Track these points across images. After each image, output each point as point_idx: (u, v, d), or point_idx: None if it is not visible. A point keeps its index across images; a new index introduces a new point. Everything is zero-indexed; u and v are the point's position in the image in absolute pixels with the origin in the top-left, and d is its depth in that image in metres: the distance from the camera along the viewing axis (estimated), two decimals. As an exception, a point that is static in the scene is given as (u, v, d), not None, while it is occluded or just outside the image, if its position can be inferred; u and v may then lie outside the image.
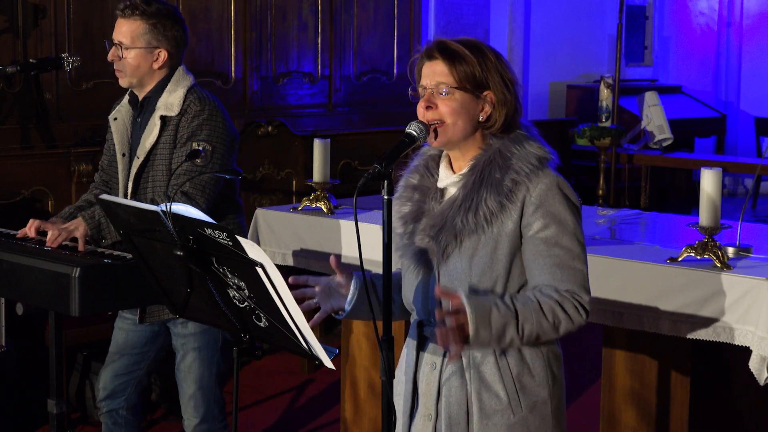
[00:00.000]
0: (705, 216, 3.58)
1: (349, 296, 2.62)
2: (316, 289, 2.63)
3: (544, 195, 2.50)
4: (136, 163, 3.69)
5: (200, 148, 3.60)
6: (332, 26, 7.28)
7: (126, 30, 3.67)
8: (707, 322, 3.42)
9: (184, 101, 3.67)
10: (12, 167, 5.31)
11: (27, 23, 5.72)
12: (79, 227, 3.70)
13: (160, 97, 3.70)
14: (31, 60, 5.50)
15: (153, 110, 3.71)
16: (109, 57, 3.71)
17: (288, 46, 7.08)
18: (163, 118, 3.67)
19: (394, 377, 2.45)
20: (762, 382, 3.34)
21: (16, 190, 5.30)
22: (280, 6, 7.01)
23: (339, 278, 2.63)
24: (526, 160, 2.52)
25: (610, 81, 8.42)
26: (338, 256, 2.74)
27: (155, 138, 3.66)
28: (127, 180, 3.73)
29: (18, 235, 3.84)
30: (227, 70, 6.77)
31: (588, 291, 2.52)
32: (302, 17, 7.14)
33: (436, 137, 2.55)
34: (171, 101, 3.68)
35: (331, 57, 7.30)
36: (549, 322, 2.45)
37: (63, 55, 5.39)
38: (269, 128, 6.30)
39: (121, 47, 3.67)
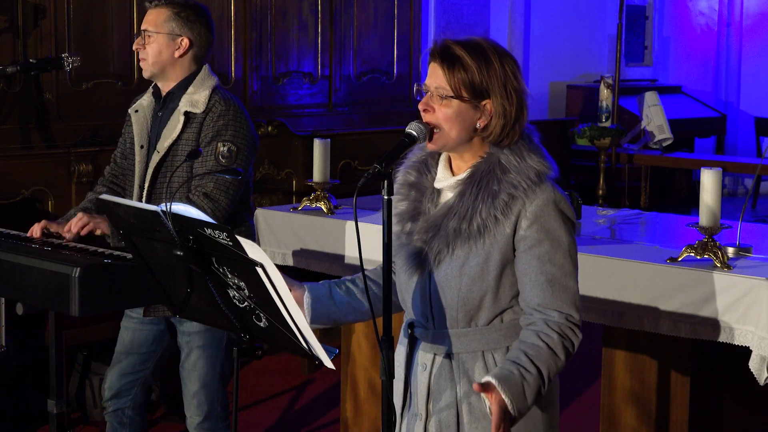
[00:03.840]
0: (705, 216, 3.58)
1: (305, 308, 2.68)
2: None
3: (540, 211, 2.49)
4: (156, 158, 3.71)
5: (225, 148, 3.64)
6: (332, 26, 7.28)
7: (151, 18, 3.74)
8: (707, 322, 3.42)
9: (209, 100, 3.72)
10: (12, 167, 5.31)
11: (27, 23, 5.73)
12: (102, 224, 3.74)
13: (184, 93, 3.74)
14: (31, 60, 5.51)
15: (176, 106, 3.74)
16: (134, 45, 3.77)
17: (288, 46, 7.09)
18: (187, 114, 3.70)
19: (394, 377, 2.45)
20: (762, 382, 3.34)
21: (16, 190, 5.30)
22: (280, 6, 7.01)
23: (294, 293, 2.64)
24: (525, 175, 2.50)
25: (610, 81, 8.43)
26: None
27: (177, 133, 3.69)
28: (145, 173, 3.75)
29: (29, 235, 3.84)
30: (227, 70, 6.77)
31: (578, 309, 2.52)
32: (302, 17, 7.14)
33: (431, 140, 2.54)
34: (196, 98, 3.72)
35: (331, 57, 7.31)
36: (561, 360, 2.48)
37: (63, 55, 5.39)
38: (269, 128, 6.30)
39: (146, 35, 3.74)
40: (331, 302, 2.70)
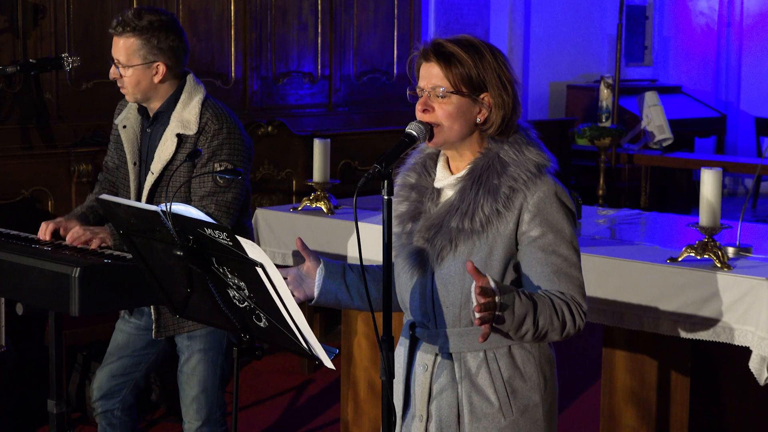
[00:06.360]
0: (705, 216, 3.58)
1: (317, 281, 2.67)
2: (288, 278, 2.67)
3: (542, 203, 2.50)
4: (150, 179, 3.66)
5: (223, 168, 3.60)
6: (332, 26, 7.28)
7: (121, 48, 3.62)
8: (707, 322, 3.42)
9: (200, 118, 3.63)
10: (12, 167, 5.31)
11: (27, 23, 5.72)
12: (101, 234, 3.69)
13: (173, 111, 3.66)
14: (31, 60, 5.50)
15: (166, 123, 3.67)
16: (111, 76, 3.67)
17: (288, 46, 7.08)
18: (179, 135, 3.63)
19: (394, 377, 2.45)
20: (762, 382, 3.34)
21: (16, 190, 5.30)
22: (280, 6, 7.00)
23: (307, 264, 2.69)
24: (524, 167, 2.51)
25: (610, 81, 8.42)
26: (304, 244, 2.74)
27: (170, 155, 3.63)
28: (139, 193, 3.71)
29: (39, 237, 3.80)
30: (227, 70, 6.77)
31: (586, 299, 2.53)
32: (302, 17, 7.14)
33: (431, 138, 2.54)
34: (186, 117, 3.63)
35: (331, 57, 7.30)
36: (558, 321, 2.45)
37: (63, 55, 5.39)
38: (269, 128, 6.30)
39: (120, 65, 3.63)
40: (342, 282, 2.69)
